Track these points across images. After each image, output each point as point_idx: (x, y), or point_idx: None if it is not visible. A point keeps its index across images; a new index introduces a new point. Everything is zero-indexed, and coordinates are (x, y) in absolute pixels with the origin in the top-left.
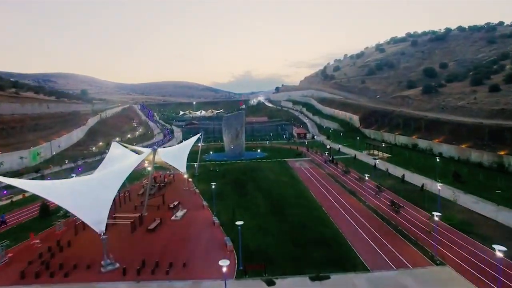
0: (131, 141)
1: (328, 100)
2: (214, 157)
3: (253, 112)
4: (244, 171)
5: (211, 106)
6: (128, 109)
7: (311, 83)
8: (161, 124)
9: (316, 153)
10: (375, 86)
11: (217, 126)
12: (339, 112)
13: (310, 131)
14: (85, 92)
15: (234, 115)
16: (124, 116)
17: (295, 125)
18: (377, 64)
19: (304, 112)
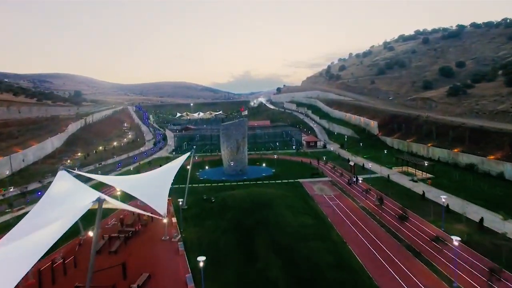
0: (117, 150)
1: (336, 102)
2: (210, 175)
3: (253, 114)
4: (250, 207)
5: (210, 107)
6: (121, 112)
7: (315, 84)
8: (155, 129)
9: (333, 168)
10: (386, 87)
11: (216, 133)
12: (352, 116)
13: (320, 137)
14: (79, 93)
15: (234, 123)
16: (115, 119)
17: (302, 131)
18: (386, 63)
19: (310, 115)
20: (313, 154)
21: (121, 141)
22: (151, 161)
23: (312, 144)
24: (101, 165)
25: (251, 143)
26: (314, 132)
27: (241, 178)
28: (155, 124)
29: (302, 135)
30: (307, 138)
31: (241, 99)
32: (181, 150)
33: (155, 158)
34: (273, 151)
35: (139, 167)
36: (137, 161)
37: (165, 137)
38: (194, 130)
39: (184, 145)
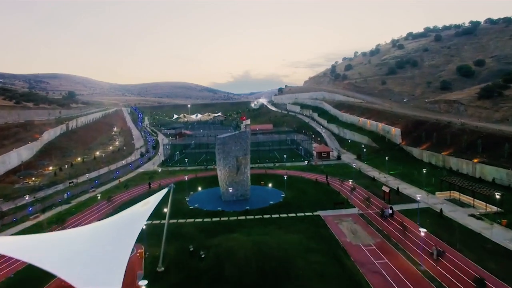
0: (98, 162)
1: (346, 105)
2: (202, 201)
3: (255, 117)
4: (258, 275)
5: (209, 108)
6: (113, 114)
7: (319, 84)
8: (148, 133)
9: (354, 190)
10: (399, 88)
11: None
12: (367, 121)
13: (330, 144)
14: (72, 94)
15: (233, 136)
16: (104, 123)
17: (310, 137)
18: (397, 62)
19: (316, 119)
20: (329, 169)
21: (106, 149)
22: (136, 176)
23: (324, 154)
24: (73, 183)
25: (253, 151)
26: (323, 138)
27: (242, 208)
28: (150, 127)
29: (314, 145)
30: (318, 148)
31: (240, 99)
32: (171, 161)
33: (140, 172)
34: (279, 163)
35: (119, 186)
36: (118, 176)
37: (158, 143)
38: (189, 136)
39: (176, 155)
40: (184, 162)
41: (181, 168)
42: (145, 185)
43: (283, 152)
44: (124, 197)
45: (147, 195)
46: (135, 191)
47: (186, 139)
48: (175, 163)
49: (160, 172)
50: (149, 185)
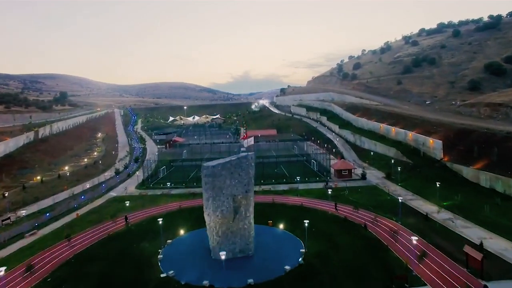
0: (61, 182)
1: (360, 108)
2: (182, 262)
3: (255, 120)
4: None
5: (207, 110)
6: (101, 117)
7: (325, 84)
8: (137, 139)
9: (396, 234)
10: (418, 88)
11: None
12: (391, 128)
13: (345, 155)
14: (64, 94)
15: (229, 164)
16: (87, 128)
17: (326, 150)
18: (413, 60)
19: (325, 123)
20: (356, 196)
21: (80, 162)
22: (103, 205)
23: (345, 173)
24: (9, 221)
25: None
26: (336, 148)
27: (242, 283)
28: (142, 131)
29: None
30: (338, 164)
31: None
32: (154, 180)
33: (111, 197)
34: (289, 185)
35: (75, 222)
36: (80, 205)
37: (146, 152)
38: (181, 143)
39: (162, 171)
40: (170, 181)
41: (163, 191)
42: (106, 224)
43: (291, 166)
44: (64, 253)
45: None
46: (87, 238)
47: (177, 148)
48: (158, 183)
49: (137, 197)
50: (126, 220)
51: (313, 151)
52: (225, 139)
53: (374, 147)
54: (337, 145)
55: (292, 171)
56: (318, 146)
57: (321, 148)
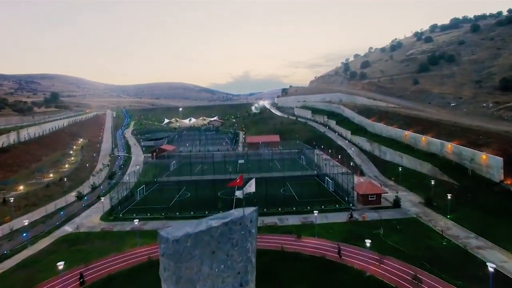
0: (6, 209)
1: (375, 111)
2: None
3: (256, 123)
4: None
5: (205, 111)
6: (88, 120)
7: (331, 84)
8: (123, 146)
9: None
10: (438, 88)
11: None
12: (420, 137)
13: (363, 168)
14: (56, 95)
15: (207, 234)
16: (67, 133)
17: (323, 150)
18: (428, 57)
19: (334, 127)
20: (395, 239)
21: (45, 177)
22: (45, 250)
23: (373, 198)
24: None
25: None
26: (351, 158)
27: None
28: (131, 136)
29: (358, 182)
30: (362, 187)
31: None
32: (127, 206)
33: (61, 236)
34: (303, 216)
35: None
36: (19, 246)
37: (130, 162)
38: (169, 153)
39: (140, 192)
40: (147, 206)
41: (134, 226)
42: None
43: (301, 185)
44: None
45: None
46: None
47: (165, 158)
48: (130, 211)
49: (96, 235)
50: (81, 280)
51: (323, 161)
52: (222, 146)
53: (399, 160)
54: (352, 156)
55: (303, 193)
56: (329, 156)
57: (334, 160)
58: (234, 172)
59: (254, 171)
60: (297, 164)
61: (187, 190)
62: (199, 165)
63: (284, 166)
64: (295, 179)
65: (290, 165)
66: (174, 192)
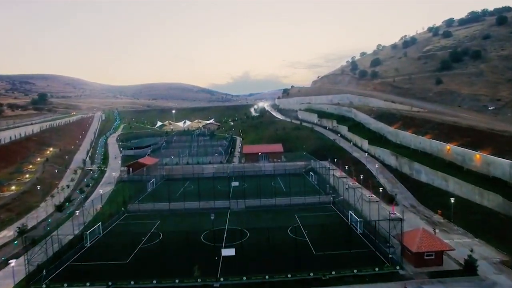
0: None
1: (397, 115)
2: None
3: (255, 128)
4: None
5: (201, 113)
6: (70, 124)
7: (336, 84)
8: (101, 156)
9: None
10: (467, 89)
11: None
12: (472, 153)
13: (389, 191)
14: (43, 96)
15: None
16: (37, 141)
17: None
18: (451, 54)
19: (346, 135)
20: None
21: None
22: None
23: (430, 256)
24: None
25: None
26: (373, 177)
27: None
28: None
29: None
30: (414, 240)
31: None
32: (61, 267)
33: None
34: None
35: None
36: None
37: (99, 180)
38: (149, 166)
39: (91, 236)
40: (91, 264)
41: None
42: None
43: (314, 219)
44: None
45: None
46: None
47: (143, 175)
48: (61, 276)
49: None
50: None
51: (338, 180)
52: (215, 156)
53: (441, 183)
54: (373, 173)
55: (320, 238)
56: (345, 173)
57: (353, 180)
58: (225, 198)
59: (252, 196)
60: (307, 184)
61: (161, 226)
62: (185, 183)
63: (290, 187)
64: (306, 209)
65: (297, 185)
66: (142, 231)
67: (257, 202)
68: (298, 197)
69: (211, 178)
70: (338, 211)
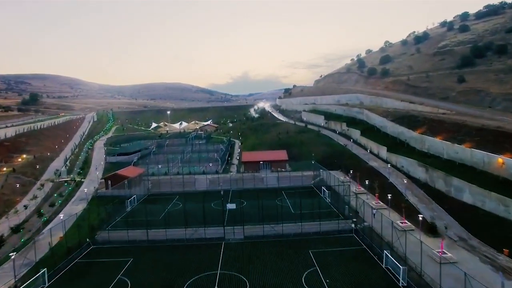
0: None
1: (419, 118)
2: None
3: (255, 131)
4: None
5: (199, 114)
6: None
7: (342, 83)
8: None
9: None
10: (497, 88)
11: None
12: None
13: (424, 215)
14: (34, 96)
15: None
16: (8, 147)
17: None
18: (472, 49)
19: (359, 140)
20: None
21: None
22: None
23: None
24: None
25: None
26: (391, 187)
27: None
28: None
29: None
30: None
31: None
32: None
33: None
34: None
35: None
36: None
37: (73, 195)
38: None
39: (41, 280)
40: None
41: None
42: None
43: (335, 257)
44: None
45: None
46: None
47: (124, 188)
48: None
49: None
50: None
51: (358, 198)
52: (210, 164)
53: (496, 207)
54: (401, 190)
55: None
56: (362, 187)
57: (376, 199)
58: (219, 224)
59: (252, 219)
60: (320, 203)
61: (132, 269)
62: (173, 199)
63: (301, 207)
64: (322, 240)
65: (308, 204)
66: (104, 278)
67: (259, 230)
68: (310, 222)
69: (204, 193)
70: (364, 245)
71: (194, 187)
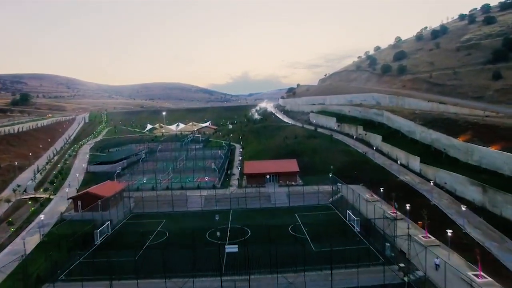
0: None
1: (460, 123)
2: None
3: (258, 135)
4: None
5: (197, 114)
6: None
7: (351, 82)
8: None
9: None
10: None
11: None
12: None
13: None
14: (25, 96)
15: None
16: None
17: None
18: (504, 42)
19: (381, 147)
20: None
21: None
22: None
23: None
24: None
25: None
26: (437, 210)
27: None
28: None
29: None
30: None
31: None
32: None
33: None
34: None
35: None
36: None
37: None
38: (107, 198)
39: None
40: None
41: None
42: None
43: None
44: None
45: None
46: None
47: (97, 211)
48: None
49: None
50: None
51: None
52: (206, 175)
53: None
54: (453, 219)
55: None
56: (397, 211)
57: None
58: (216, 275)
59: (260, 263)
60: (346, 233)
61: None
62: (159, 223)
63: (324, 243)
64: None
65: (331, 235)
66: None
67: (270, 282)
68: (343, 270)
69: (198, 214)
70: None
71: (186, 207)
